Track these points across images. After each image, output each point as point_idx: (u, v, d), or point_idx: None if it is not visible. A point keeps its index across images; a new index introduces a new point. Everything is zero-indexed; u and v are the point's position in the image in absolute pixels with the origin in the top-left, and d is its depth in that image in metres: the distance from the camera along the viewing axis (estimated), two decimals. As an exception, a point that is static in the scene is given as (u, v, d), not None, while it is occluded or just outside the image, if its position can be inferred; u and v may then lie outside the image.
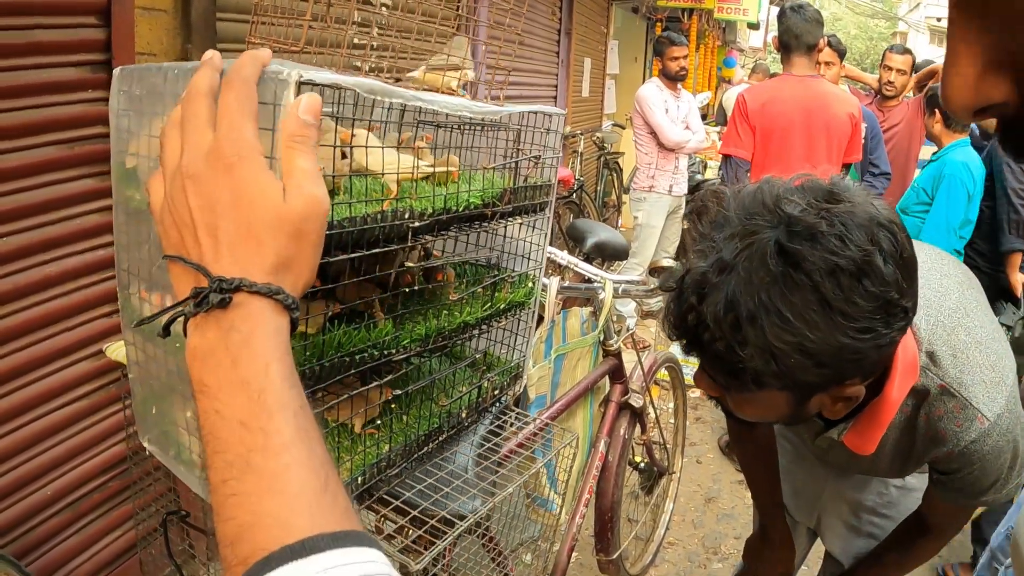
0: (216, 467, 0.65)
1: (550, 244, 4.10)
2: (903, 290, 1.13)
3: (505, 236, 1.35)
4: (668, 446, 3.71)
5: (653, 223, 6.53)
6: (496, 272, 1.32)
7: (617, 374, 3.06)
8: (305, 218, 0.73)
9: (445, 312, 1.17)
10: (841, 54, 5.71)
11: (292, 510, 0.61)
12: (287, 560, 0.58)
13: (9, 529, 2.50)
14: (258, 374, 0.66)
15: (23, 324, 2.47)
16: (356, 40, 1.06)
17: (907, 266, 1.15)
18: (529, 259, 1.37)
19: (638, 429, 3.25)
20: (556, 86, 8.95)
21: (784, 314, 1.08)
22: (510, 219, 1.27)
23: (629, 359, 3.16)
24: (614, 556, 3.13)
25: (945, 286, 1.47)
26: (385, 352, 1.05)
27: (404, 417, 1.18)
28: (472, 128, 1.20)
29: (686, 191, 6.78)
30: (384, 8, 1.05)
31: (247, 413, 0.65)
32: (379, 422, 1.14)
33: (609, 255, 3.40)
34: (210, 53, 0.79)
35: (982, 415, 1.39)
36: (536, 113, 1.25)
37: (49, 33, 2.43)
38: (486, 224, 1.21)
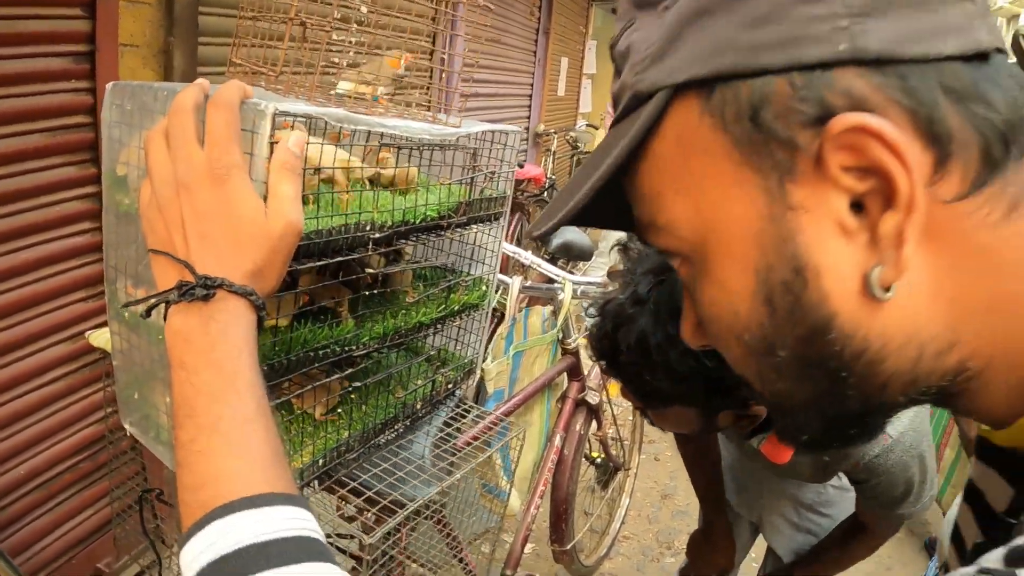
0: (186, 428, 0.76)
1: (517, 243, 4.19)
2: None
3: (462, 241, 1.47)
4: (625, 443, 3.81)
5: (625, 227, 6.60)
6: (451, 276, 1.44)
7: (574, 371, 3.14)
8: (281, 237, 0.85)
9: (403, 312, 1.28)
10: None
11: (251, 470, 0.74)
12: (245, 508, 0.70)
13: None
14: (232, 358, 0.79)
15: (2, 307, 2.53)
16: (333, 59, 1.17)
17: None
18: (484, 264, 1.48)
19: (594, 425, 3.34)
20: (532, 84, 9.02)
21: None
22: (466, 228, 1.39)
23: (588, 357, 3.25)
24: (568, 547, 3.23)
25: None
26: (347, 348, 1.16)
27: (363, 407, 1.30)
28: (431, 147, 1.31)
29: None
30: (360, 20, 1.15)
31: (219, 389, 0.77)
32: (339, 411, 1.25)
33: (574, 256, 3.50)
34: (201, 79, 0.90)
35: (885, 433, 1.50)
36: (493, 132, 1.36)
37: (35, 24, 2.47)
38: (442, 233, 1.32)
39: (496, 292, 2.93)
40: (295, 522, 0.71)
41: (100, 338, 1.51)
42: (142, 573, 3.19)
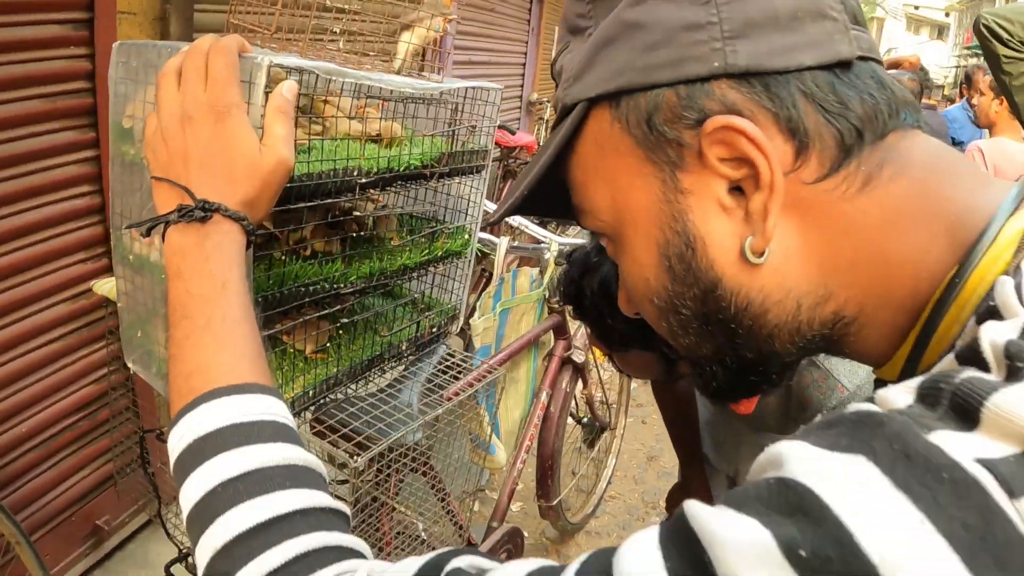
0: (181, 327, 0.88)
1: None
2: None
3: (446, 193, 1.55)
4: (612, 404, 3.91)
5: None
6: (435, 224, 1.53)
7: (561, 330, 3.23)
8: (273, 171, 0.97)
9: (388, 255, 1.38)
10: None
11: (237, 362, 0.86)
12: (232, 393, 0.82)
13: None
14: (224, 270, 0.90)
15: (2, 269, 2.58)
16: (333, 28, 1.25)
17: None
18: (467, 214, 1.57)
19: (580, 384, 3.42)
20: (525, 53, 9.04)
21: None
22: (448, 179, 1.49)
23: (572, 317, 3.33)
24: (554, 502, 3.32)
25: None
26: (335, 286, 1.26)
27: (351, 344, 1.40)
28: (416, 101, 1.40)
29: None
30: None
31: (212, 293, 0.88)
32: (328, 347, 1.34)
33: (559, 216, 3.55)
34: (209, 34, 1.02)
35: (842, 385, 1.57)
36: (475, 89, 1.45)
37: None
38: (425, 182, 1.42)
39: (487, 255, 3.02)
40: (273, 408, 0.84)
41: (104, 287, 1.60)
42: (149, 522, 3.32)
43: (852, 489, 0.45)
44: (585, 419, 3.70)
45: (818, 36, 0.67)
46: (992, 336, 0.52)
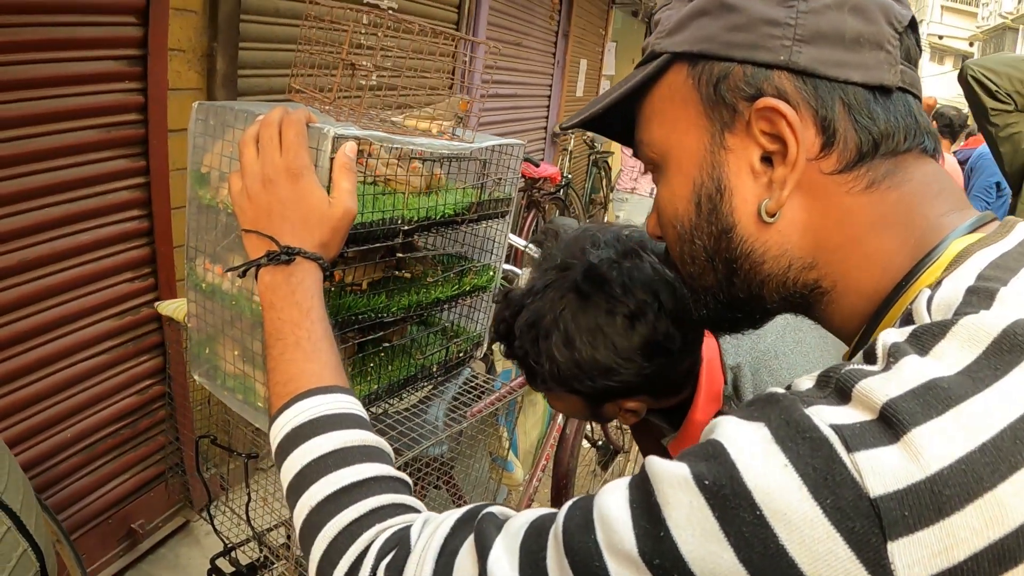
0: (276, 347, 1.11)
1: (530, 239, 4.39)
2: (669, 336, 1.35)
3: (474, 234, 1.75)
4: (625, 427, 4.01)
5: (634, 222, 6.79)
6: (464, 262, 1.72)
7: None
8: (340, 219, 1.19)
9: (424, 290, 1.58)
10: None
11: (323, 371, 1.09)
12: (320, 393, 1.06)
13: (34, 465, 2.76)
14: (307, 300, 1.13)
15: (57, 285, 2.73)
16: (362, 83, 1.44)
17: (680, 317, 1.36)
18: (491, 253, 1.78)
19: None
20: (551, 86, 9.19)
21: (568, 334, 1.34)
22: (477, 224, 1.69)
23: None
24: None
25: (763, 331, 1.32)
26: (379, 315, 1.47)
27: (389, 366, 1.59)
28: (451, 159, 1.60)
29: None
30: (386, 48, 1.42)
31: (299, 318, 1.11)
32: (371, 367, 1.53)
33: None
34: (280, 106, 1.24)
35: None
36: (501, 146, 1.64)
37: (93, 30, 2.67)
38: (457, 227, 1.63)
39: (511, 284, 3.18)
40: (350, 403, 1.07)
41: (168, 307, 1.79)
42: (181, 527, 3.46)
43: (745, 443, 0.64)
44: (600, 442, 3.80)
45: (870, 61, 0.82)
46: (885, 339, 0.68)
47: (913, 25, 0.87)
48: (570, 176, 8.75)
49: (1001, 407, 0.59)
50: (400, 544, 0.87)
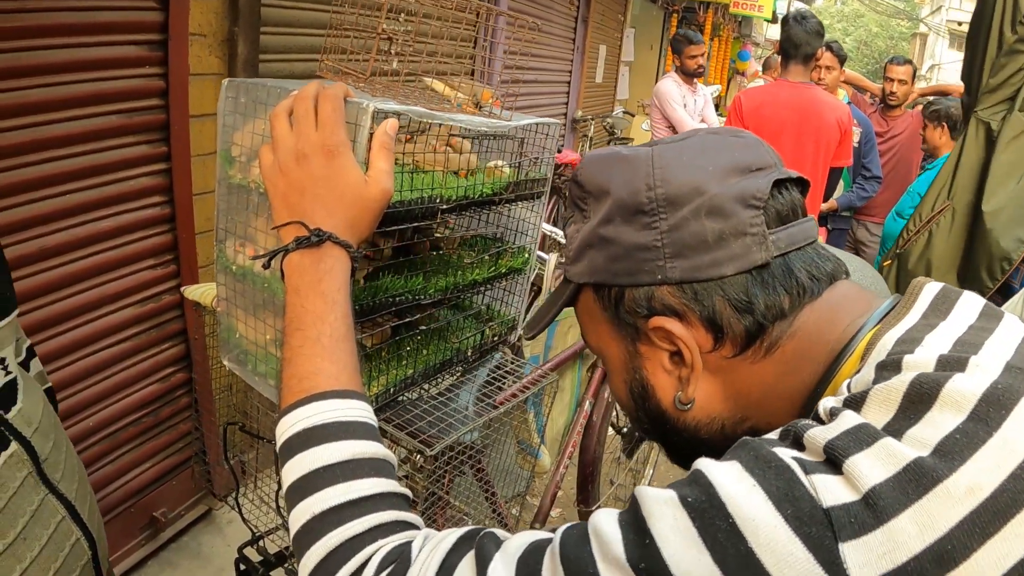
0: (296, 337, 1.07)
1: (554, 223, 4.38)
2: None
3: (509, 216, 1.71)
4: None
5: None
6: (500, 244, 1.68)
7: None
8: (376, 200, 1.15)
9: (460, 271, 1.54)
10: (841, 60, 5.93)
11: (340, 372, 1.06)
12: (336, 397, 1.03)
13: None
14: (334, 291, 1.09)
15: (78, 272, 2.74)
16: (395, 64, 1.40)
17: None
18: (527, 235, 1.74)
19: None
20: (570, 71, 9.15)
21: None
22: (513, 204, 1.65)
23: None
24: (593, 508, 3.40)
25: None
26: (416, 297, 1.44)
27: (424, 350, 1.56)
28: (488, 137, 1.56)
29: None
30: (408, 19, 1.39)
31: (323, 311, 1.07)
32: (406, 350, 1.51)
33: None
34: (316, 81, 1.19)
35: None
36: (537, 124, 1.59)
37: (113, 14, 2.68)
38: (494, 207, 1.59)
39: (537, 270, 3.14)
40: (365, 412, 1.04)
41: (195, 292, 1.75)
42: (203, 516, 3.46)
43: (721, 472, 0.74)
44: (625, 429, 3.77)
45: (738, 250, 0.92)
46: (824, 404, 0.81)
47: (781, 182, 0.97)
48: (590, 163, 8.67)
49: (920, 439, 0.72)
50: (400, 559, 0.91)
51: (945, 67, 39.46)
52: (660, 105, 6.84)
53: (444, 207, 1.38)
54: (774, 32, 22.40)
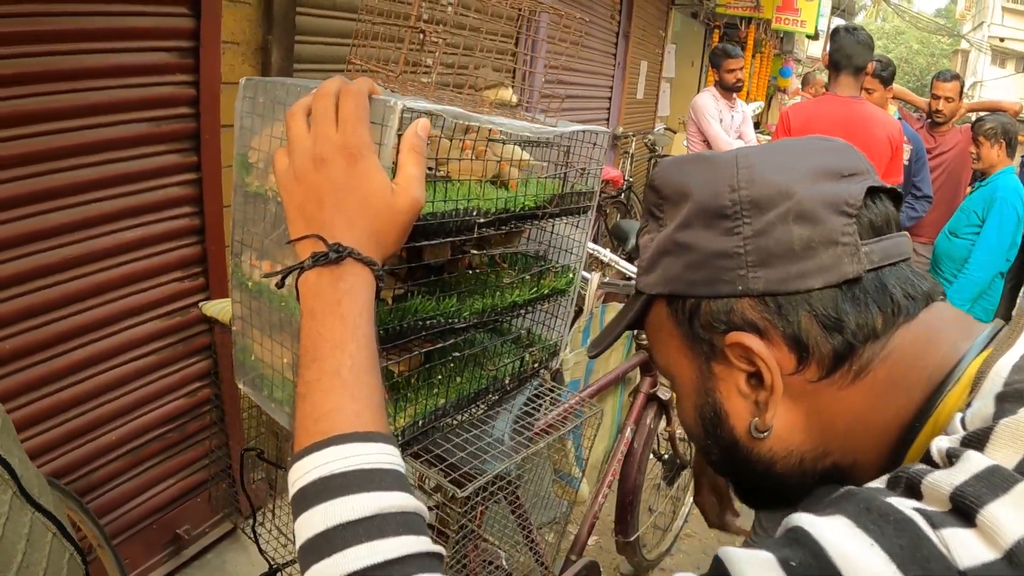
0: (312, 369, 0.92)
1: (595, 242, 4.26)
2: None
3: (553, 232, 1.58)
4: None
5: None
6: (543, 263, 1.55)
7: (647, 367, 3.23)
8: (404, 211, 1.01)
9: (498, 292, 1.40)
10: (884, 80, 5.76)
11: (362, 410, 0.91)
12: (359, 440, 0.88)
13: (76, 467, 2.70)
14: (355, 315, 0.94)
15: (104, 283, 2.67)
16: (427, 61, 1.28)
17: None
18: (572, 253, 1.60)
19: (664, 421, 3.41)
20: (611, 87, 9.08)
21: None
22: (557, 219, 1.52)
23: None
24: (632, 538, 3.30)
25: None
26: (449, 321, 1.29)
27: (458, 377, 1.42)
28: (532, 144, 1.43)
29: (732, 199, 6.86)
30: (449, 9, 1.27)
31: (343, 339, 0.93)
32: (438, 379, 1.37)
33: (650, 255, 3.55)
34: (338, 76, 1.06)
35: None
36: (585, 132, 1.47)
37: (143, 20, 2.62)
38: (536, 222, 1.45)
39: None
40: (391, 457, 0.90)
41: (213, 307, 1.64)
42: (228, 534, 3.38)
43: (827, 528, 0.66)
44: (666, 455, 3.66)
45: (828, 261, 0.84)
46: (939, 444, 0.71)
47: (874, 191, 0.89)
48: (631, 179, 8.64)
49: None
50: None
51: (987, 84, 38.99)
52: (695, 118, 6.70)
53: (482, 221, 1.24)
54: (815, 49, 22.36)
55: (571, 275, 1.60)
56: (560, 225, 1.60)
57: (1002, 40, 45.27)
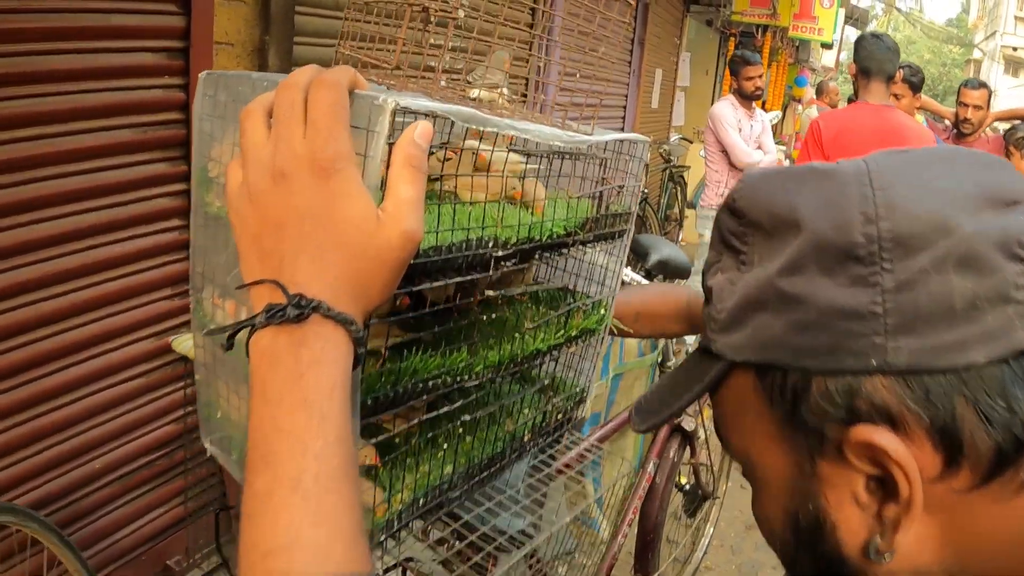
0: (263, 476, 0.65)
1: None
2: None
3: (581, 259, 1.32)
4: (714, 469, 3.68)
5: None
6: (571, 299, 1.29)
7: (673, 395, 3.02)
8: (394, 249, 0.72)
9: (519, 339, 1.14)
10: (914, 86, 5.58)
11: (332, 544, 0.63)
12: None
13: (57, 498, 2.58)
14: (322, 397, 0.67)
15: (88, 301, 2.58)
16: (430, 64, 1.05)
17: None
18: (604, 285, 1.34)
19: (688, 452, 3.25)
20: (626, 95, 8.92)
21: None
22: (590, 246, 1.26)
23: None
24: (653, 577, 3.12)
25: None
26: (458, 379, 1.03)
27: (470, 439, 1.16)
28: (563, 156, 1.19)
29: (754, 210, 6.68)
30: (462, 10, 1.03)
31: (307, 435, 0.65)
32: (443, 445, 1.11)
33: (671, 272, 3.38)
34: (314, 64, 0.79)
35: None
36: (622, 143, 1.23)
37: (129, 18, 2.52)
38: (566, 252, 1.20)
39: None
40: None
41: (184, 344, 1.41)
42: (221, 566, 3.24)
43: None
44: (687, 486, 3.49)
45: (996, 326, 0.60)
46: None
47: None
48: (646, 191, 8.45)
49: None
50: None
51: (1001, 93, 38.95)
52: (713, 128, 6.49)
53: (500, 254, 0.98)
54: (828, 58, 22.28)
55: (603, 311, 1.33)
56: (591, 252, 1.32)
57: (1015, 49, 45.17)
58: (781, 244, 0.66)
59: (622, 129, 8.66)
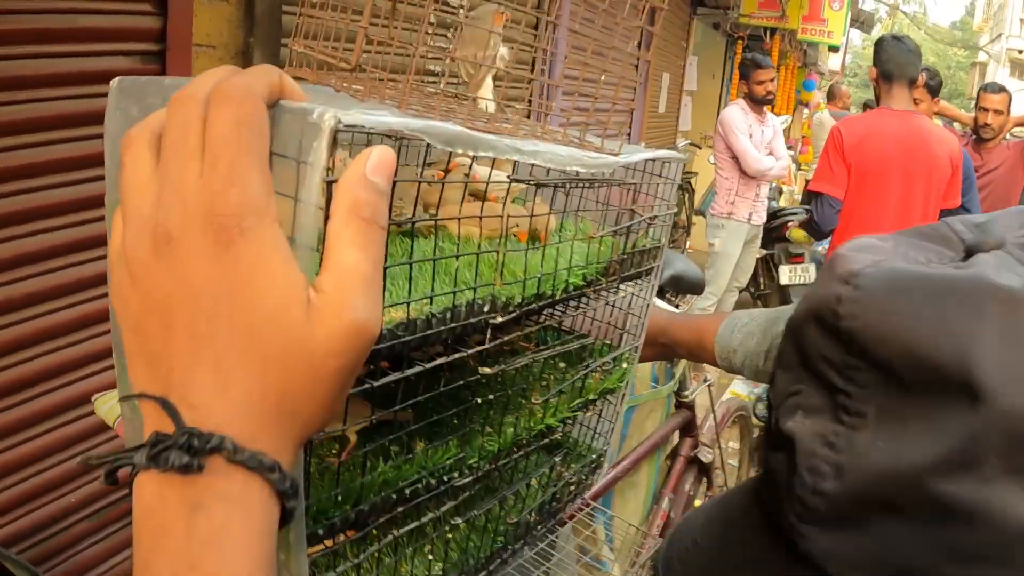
0: None
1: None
2: None
3: (602, 301, 1.08)
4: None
5: (730, 251, 6.30)
6: (587, 353, 1.05)
7: (688, 427, 2.93)
8: (334, 353, 0.47)
9: (524, 416, 0.90)
10: (932, 90, 5.40)
11: None
12: None
13: (30, 534, 2.47)
14: None
15: (61, 325, 2.44)
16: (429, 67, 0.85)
17: None
18: (628, 332, 1.10)
19: (705, 485, 3.12)
20: (633, 99, 8.77)
21: None
22: (614, 292, 1.03)
23: (701, 403, 2.98)
24: (666, 620, 2.94)
25: None
26: (445, 480, 0.79)
27: (467, 539, 0.91)
28: (584, 184, 0.95)
29: (764, 219, 6.51)
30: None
31: None
32: (428, 549, 0.86)
33: (685, 288, 3.21)
34: (228, 65, 0.53)
35: None
36: (652, 163, 1.00)
37: (100, 19, 2.40)
38: (584, 302, 0.97)
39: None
40: None
41: (106, 405, 1.18)
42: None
43: None
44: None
45: None
46: None
47: None
48: (652, 198, 8.29)
49: None
50: None
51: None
52: (723, 133, 6.32)
53: (497, 320, 0.72)
54: (835, 62, 22.15)
55: (625, 366, 1.08)
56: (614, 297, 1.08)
57: (1021, 52, 45.02)
58: (931, 410, 0.44)
59: (629, 136, 8.48)
